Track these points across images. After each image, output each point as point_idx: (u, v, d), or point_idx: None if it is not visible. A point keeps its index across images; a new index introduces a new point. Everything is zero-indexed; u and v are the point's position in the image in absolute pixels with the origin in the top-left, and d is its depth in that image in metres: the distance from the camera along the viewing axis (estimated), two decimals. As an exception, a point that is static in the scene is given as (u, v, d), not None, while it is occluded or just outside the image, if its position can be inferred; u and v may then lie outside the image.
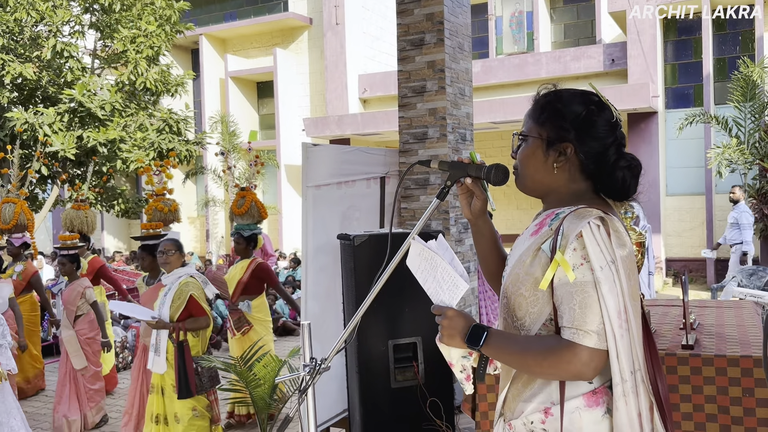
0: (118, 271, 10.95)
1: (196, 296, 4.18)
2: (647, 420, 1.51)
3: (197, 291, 4.21)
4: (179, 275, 4.28)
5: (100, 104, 11.51)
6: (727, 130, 11.37)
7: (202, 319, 4.21)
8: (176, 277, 4.28)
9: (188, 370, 4.10)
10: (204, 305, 4.21)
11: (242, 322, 5.33)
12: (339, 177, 4.43)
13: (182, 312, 4.18)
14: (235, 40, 19.19)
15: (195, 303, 4.19)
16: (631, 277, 1.50)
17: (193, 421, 4.22)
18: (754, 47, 12.79)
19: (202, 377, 4.21)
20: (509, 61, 15.23)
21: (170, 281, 4.30)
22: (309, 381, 1.81)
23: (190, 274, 4.30)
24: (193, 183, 19.13)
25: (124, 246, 20.02)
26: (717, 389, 2.59)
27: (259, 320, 5.46)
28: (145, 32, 12.24)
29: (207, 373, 4.25)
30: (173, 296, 4.20)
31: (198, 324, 4.20)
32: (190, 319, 4.20)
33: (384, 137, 15.56)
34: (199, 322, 4.20)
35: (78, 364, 5.44)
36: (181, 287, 4.21)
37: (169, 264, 4.33)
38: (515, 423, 1.61)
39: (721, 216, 13.35)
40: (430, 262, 1.68)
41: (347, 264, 3.83)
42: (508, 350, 1.55)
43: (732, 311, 3.64)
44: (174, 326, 4.13)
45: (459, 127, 5.38)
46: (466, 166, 1.73)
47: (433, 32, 5.19)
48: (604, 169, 1.61)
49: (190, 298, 4.17)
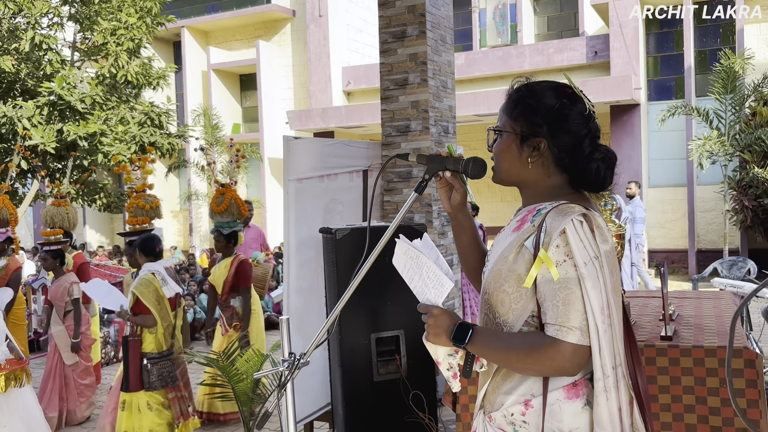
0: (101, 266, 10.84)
1: (138, 293, 4.25)
2: (627, 414, 1.52)
3: (144, 287, 4.27)
4: (143, 271, 4.40)
5: (81, 97, 11.36)
6: (708, 122, 11.47)
7: (148, 317, 4.27)
8: (142, 272, 4.42)
9: (130, 365, 4.20)
10: (150, 304, 4.25)
11: (234, 318, 5.33)
12: (321, 170, 4.40)
13: (133, 306, 4.32)
14: (218, 33, 19.04)
15: (138, 301, 4.29)
16: (614, 272, 1.51)
17: (147, 413, 4.28)
18: (735, 39, 12.90)
19: (151, 375, 4.23)
20: (493, 53, 15.25)
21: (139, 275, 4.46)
22: (288, 376, 1.80)
23: (152, 271, 4.36)
24: (175, 176, 19.00)
25: (106, 240, 19.86)
26: (695, 380, 2.61)
27: (252, 313, 5.44)
28: (125, 24, 12.09)
29: (157, 372, 4.26)
30: (130, 291, 4.39)
31: (144, 321, 4.27)
32: (140, 315, 4.30)
33: (368, 130, 15.53)
34: (145, 320, 4.27)
35: (68, 359, 5.43)
36: (136, 283, 4.33)
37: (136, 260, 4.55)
38: (495, 415, 1.61)
39: (703, 207, 13.50)
40: (415, 261, 1.68)
41: (329, 258, 3.82)
42: (493, 347, 1.56)
43: (711, 302, 3.68)
44: (128, 318, 4.29)
45: (441, 119, 5.37)
46: (444, 159, 1.72)
47: (415, 24, 5.17)
48: (579, 162, 1.61)
49: (135, 296, 4.29)
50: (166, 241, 18.51)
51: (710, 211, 13.45)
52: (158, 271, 4.36)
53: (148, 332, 4.30)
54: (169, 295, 4.34)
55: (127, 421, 4.28)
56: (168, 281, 4.36)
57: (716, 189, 12.55)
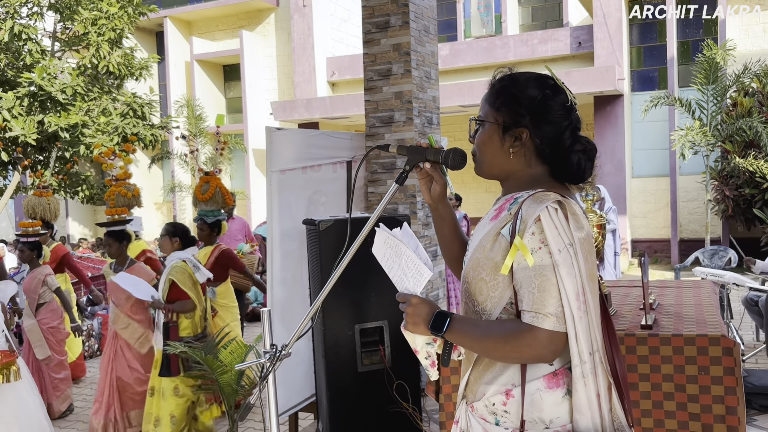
0: (84, 258, 10.76)
1: (177, 280, 4.38)
2: (605, 400, 1.54)
3: (180, 275, 4.39)
4: (173, 259, 4.51)
5: (61, 88, 11.24)
6: (690, 113, 11.55)
7: (188, 302, 4.40)
8: (170, 260, 4.53)
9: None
10: (187, 289, 4.38)
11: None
12: (304, 161, 4.39)
13: (169, 294, 4.43)
14: (201, 23, 18.87)
15: (176, 287, 4.39)
16: (589, 259, 1.52)
17: (170, 399, 4.36)
18: (717, 30, 12.99)
19: (189, 360, 4.28)
20: (477, 44, 15.24)
21: (167, 264, 4.55)
22: (269, 367, 1.80)
23: (182, 258, 4.49)
24: (159, 168, 18.85)
25: (89, 233, 19.69)
26: (674, 368, 2.64)
27: (225, 306, 5.42)
28: (106, 14, 11.96)
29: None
30: (164, 279, 4.48)
31: (184, 306, 4.41)
32: (178, 302, 4.40)
33: (353, 121, 15.49)
34: (184, 305, 4.40)
35: (40, 354, 5.35)
36: (170, 270, 4.44)
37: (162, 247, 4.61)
38: (477, 405, 1.62)
39: (685, 197, 13.62)
40: (395, 250, 1.68)
41: (313, 249, 3.81)
42: (471, 335, 1.56)
43: (691, 291, 3.72)
44: (164, 307, 4.39)
45: (425, 110, 5.37)
46: (424, 150, 1.72)
47: (398, 15, 5.15)
48: (560, 153, 1.62)
49: (171, 282, 4.40)
50: (150, 233, 18.39)
51: (692, 201, 13.58)
52: (189, 258, 4.51)
53: (184, 317, 4.43)
54: (201, 280, 4.50)
55: (157, 406, 4.40)
56: (200, 267, 4.53)
57: (698, 179, 12.66)
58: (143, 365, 4.78)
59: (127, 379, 4.72)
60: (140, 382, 4.74)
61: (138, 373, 4.75)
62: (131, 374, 4.73)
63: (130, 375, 4.73)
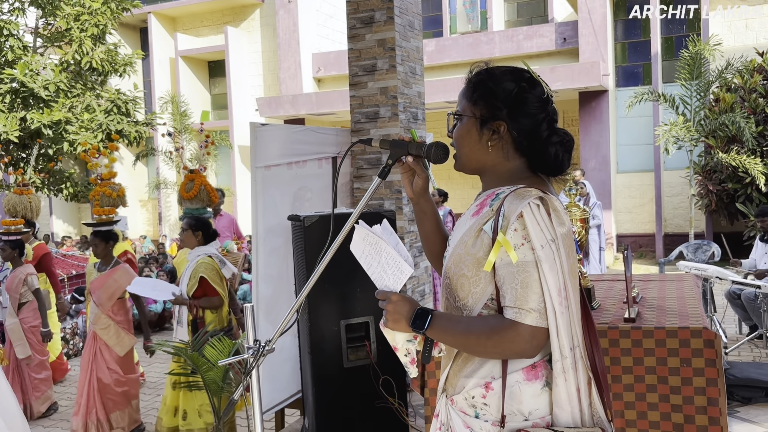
0: (68, 256, 10.67)
1: (207, 277, 4.42)
2: (585, 394, 1.55)
3: (209, 272, 4.44)
4: (198, 254, 4.54)
5: (44, 84, 11.13)
6: (674, 108, 11.63)
7: (215, 299, 4.47)
8: (195, 255, 4.54)
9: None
10: (216, 285, 4.44)
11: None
12: (289, 157, 4.37)
13: (196, 290, 4.45)
14: (185, 19, 18.75)
15: (206, 283, 4.43)
16: (570, 254, 1.52)
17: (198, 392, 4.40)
18: (700, 26, 13.08)
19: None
20: (463, 40, 15.26)
21: (191, 259, 4.56)
22: (253, 363, 1.80)
23: (208, 254, 4.53)
24: (144, 165, 18.73)
25: (74, 230, 19.53)
26: (657, 360, 2.66)
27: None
28: (89, 10, 11.85)
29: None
30: (190, 274, 4.49)
31: (211, 302, 4.46)
32: (205, 297, 4.44)
33: (339, 117, 15.46)
34: (212, 301, 4.47)
35: (21, 353, 5.30)
36: (197, 267, 4.46)
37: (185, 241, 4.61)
38: (457, 399, 1.62)
39: (670, 192, 13.73)
40: (374, 247, 1.67)
41: (298, 245, 3.81)
42: (452, 332, 1.56)
43: (674, 284, 3.75)
44: (190, 303, 4.43)
45: (411, 106, 5.37)
46: (406, 144, 1.72)
47: (382, 10, 5.14)
48: (537, 146, 1.62)
49: (201, 278, 4.42)
50: (135, 231, 18.26)
51: (677, 196, 13.69)
52: (214, 253, 4.55)
53: (210, 312, 4.47)
54: (227, 276, 4.55)
55: (184, 399, 4.45)
56: (226, 262, 4.57)
57: (682, 174, 12.76)
58: (122, 367, 4.75)
59: (106, 381, 4.69)
60: (119, 384, 4.72)
61: (117, 375, 4.72)
62: (110, 376, 4.70)
63: (109, 376, 4.70)
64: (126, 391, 4.77)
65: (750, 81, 11.20)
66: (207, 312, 4.48)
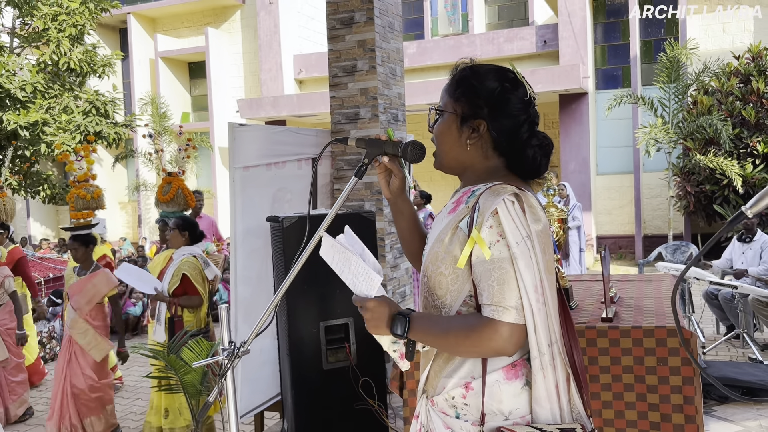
0: (45, 258, 10.53)
1: (190, 275, 4.42)
2: (564, 391, 1.54)
3: (192, 270, 4.44)
4: (183, 253, 4.54)
5: (21, 85, 11.00)
6: (653, 111, 11.75)
7: (195, 298, 4.47)
8: (180, 254, 4.55)
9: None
10: (198, 285, 4.43)
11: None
12: (268, 158, 4.34)
13: (177, 288, 4.45)
14: (165, 20, 18.61)
15: (188, 281, 4.43)
16: (546, 251, 1.52)
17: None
18: (678, 30, 13.23)
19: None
20: (444, 42, 15.31)
21: (176, 257, 4.56)
22: (227, 365, 1.78)
23: (192, 254, 4.53)
24: (123, 167, 18.55)
25: (52, 233, 19.27)
26: (634, 359, 2.68)
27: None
28: (67, 10, 11.72)
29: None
30: (173, 272, 4.49)
31: (191, 302, 4.46)
32: (185, 296, 4.44)
33: (320, 118, 15.42)
34: (192, 300, 4.47)
35: None
36: (180, 265, 4.46)
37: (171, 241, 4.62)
38: (437, 399, 1.61)
39: (649, 194, 13.86)
40: (342, 256, 1.65)
41: (277, 246, 3.78)
42: (432, 333, 1.55)
43: (651, 284, 3.78)
44: (169, 301, 4.42)
45: (391, 107, 5.36)
46: (383, 143, 1.71)
47: (362, 11, 5.13)
48: (516, 147, 1.62)
49: (183, 276, 4.42)
50: (115, 233, 18.07)
51: (656, 198, 13.82)
52: (199, 254, 4.55)
53: (188, 312, 4.45)
54: (210, 277, 4.54)
55: (166, 398, 4.44)
56: (209, 264, 4.58)
57: (661, 176, 12.89)
58: (97, 372, 4.69)
59: (81, 386, 4.62)
60: (94, 389, 4.66)
61: (91, 380, 4.66)
62: (85, 381, 4.64)
63: (83, 382, 4.64)
64: (100, 396, 4.71)
65: (727, 84, 11.34)
66: (185, 312, 4.46)
